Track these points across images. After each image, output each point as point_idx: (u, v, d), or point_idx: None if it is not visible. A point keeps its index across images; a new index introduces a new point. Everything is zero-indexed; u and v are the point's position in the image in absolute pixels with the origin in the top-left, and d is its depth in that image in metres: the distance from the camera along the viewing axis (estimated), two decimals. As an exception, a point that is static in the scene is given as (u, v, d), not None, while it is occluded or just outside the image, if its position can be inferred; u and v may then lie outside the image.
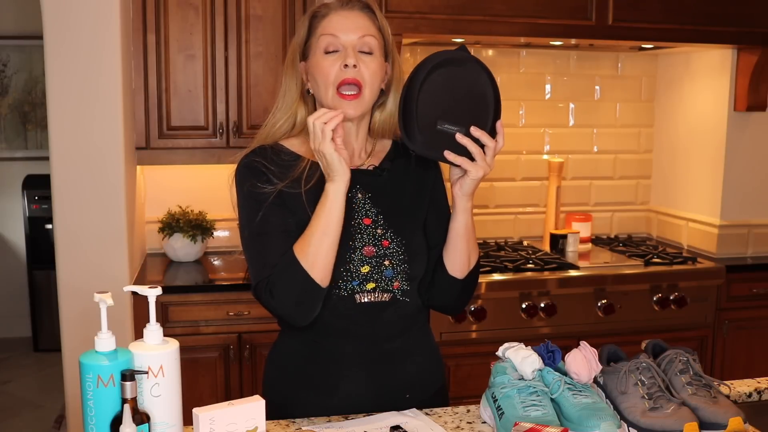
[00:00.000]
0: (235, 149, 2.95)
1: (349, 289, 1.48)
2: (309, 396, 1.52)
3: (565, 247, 3.24)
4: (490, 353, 1.50)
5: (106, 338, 1.16)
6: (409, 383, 1.55)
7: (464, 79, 1.43)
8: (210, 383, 2.75)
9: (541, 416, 1.28)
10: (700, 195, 3.34)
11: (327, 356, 1.52)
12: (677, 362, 1.44)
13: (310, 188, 1.48)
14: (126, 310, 2.66)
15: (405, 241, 1.52)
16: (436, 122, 1.41)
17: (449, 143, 1.42)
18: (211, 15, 2.90)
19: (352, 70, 1.46)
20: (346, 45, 1.47)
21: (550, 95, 3.47)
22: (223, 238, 3.25)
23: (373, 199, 1.54)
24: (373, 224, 1.52)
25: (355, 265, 1.48)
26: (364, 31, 1.49)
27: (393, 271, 1.50)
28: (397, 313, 1.52)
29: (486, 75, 1.44)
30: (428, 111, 1.41)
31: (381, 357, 1.52)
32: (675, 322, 2.99)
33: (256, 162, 1.50)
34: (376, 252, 1.50)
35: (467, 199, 1.49)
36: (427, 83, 1.41)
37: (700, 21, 2.92)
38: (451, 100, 1.42)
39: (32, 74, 5.02)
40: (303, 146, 1.54)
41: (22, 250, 5.10)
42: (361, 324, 1.49)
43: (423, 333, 1.61)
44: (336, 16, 1.49)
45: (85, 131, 2.61)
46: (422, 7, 2.68)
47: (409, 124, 1.42)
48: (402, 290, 1.51)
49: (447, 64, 1.43)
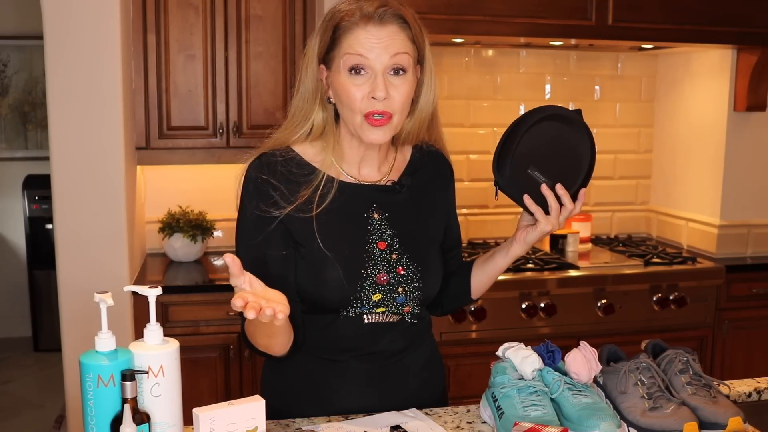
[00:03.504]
0: (235, 149, 2.96)
1: (357, 312, 1.43)
2: (308, 409, 1.47)
3: (565, 247, 3.24)
4: (490, 353, 1.50)
5: (107, 338, 1.16)
6: (413, 398, 1.51)
7: (569, 139, 1.46)
8: (210, 383, 2.75)
9: (541, 416, 1.28)
10: (700, 195, 3.34)
11: (329, 370, 1.47)
12: (677, 362, 1.44)
13: (321, 211, 1.39)
14: (126, 310, 2.66)
15: (421, 267, 1.46)
16: (529, 166, 1.43)
17: (532, 190, 1.44)
18: (211, 15, 2.90)
19: (381, 103, 1.33)
20: (375, 67, 1.32)
21: (550, 95, 3.47)
22: (223, 238, 3.25)
23: (390, 220, 1.46)
24: (389, 248, 1.44)
25: (367, 293, 1.41)
26: (398, 49, 1.33)
27: (406, 298, 1.45)
28: (403, 332, 1.49)
29: (590, 143, 1.48)
30: (526, 152, 1.43)
31: (384, 373, 1.49)
32: (675, 322, 2.99)
33: (263, 181, 1.39)
34: (390, 280, 1.43)
35: (525, 249, 1.49)
36: (536, 128, 1.43)
37: (700, 21, 2.91)
38: (550, 152, 1.45)
39: (32, 74, 5.02)
40: (318, 156, 1.43)
41: (22, 250, 5.10)
42: (365, 341, 1.46)
43: (427, 347, 1.58)
44: (364, 33, 1.32)
45: (85, 131, 2.61)
46: (422, 7, 2.67)
47: (504, 157, 1.43)
48: (412, 314, 1.48)
49: (560, 119, 1.45)
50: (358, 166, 1.46)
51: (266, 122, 2.96)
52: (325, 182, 1.41)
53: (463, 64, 3.35)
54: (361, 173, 1.47)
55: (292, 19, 2.95)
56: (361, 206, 1.45)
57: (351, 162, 1.46)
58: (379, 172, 1.48)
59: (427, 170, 1.55)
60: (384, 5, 1.34)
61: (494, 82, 3.39)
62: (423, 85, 1.43)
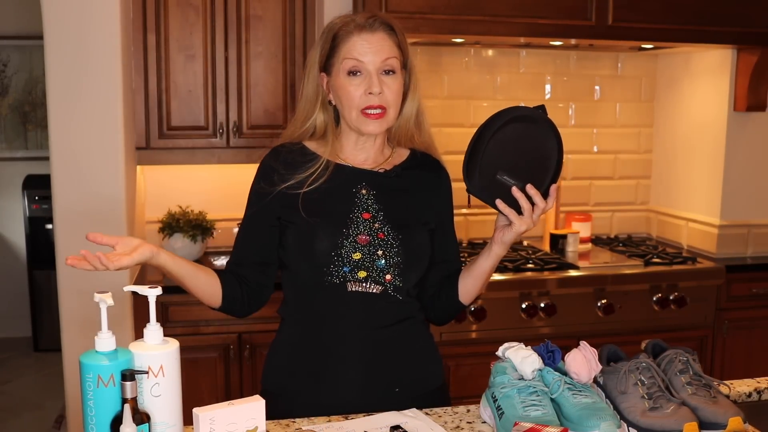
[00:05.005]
0: (235, 149, 2.96)
1: (341, 275, 1.52)
2: (298, 383, 1.57)
3: (565, 247, 3.24)
4: (490, 353, 1.50)
5: (106, 338, 1.16)
6: (398, 377, 1.58)
7: (535, 138, 1.49)
8: (210, 383, 2.75)
9: (541, 416, 1.28)
10: (700, 195, 3.34)
11: (318, 344, 1.57)
12: (677, 362, 1.44)
13: (309, 190, 1.56)
14: (126, 310, 2.66)
15: (402, 236, 1.56)
16: (497, 171, 1.47)
17: (503, 193, 1.47)
18: (211, 15, 2.90)
19: (376, 97, 1.51)
20: (369, 69, 1.52)
21: (550, 95, 3.47)
22: (223, 238, 3.25)
23: (378, 197, 1.58)
24: (372, 219, 1.56)
25: (347, 251, 1.52)
26: (387, 54, 1.53)
27: (386, 263, 1.54)
28: (389, 307, 1.55)
29: (555, 140, 1.50)
30: (493, 160, 1.47)
31: (370, 348, 1.55)
32: (675, 322, 2.99)
33: (268, 165, 1.60)
34: (371, 241, 1.54)
35: (504, 248, 1.57)
36: (501, 133, 1.47)
37: (700, 21, 2.91)
38: (517, 154, 1.48)
39: (32, 74, 5.02)
40: (321, 148, 1.61)
41: (22, 250, 5.11)
42: (351, 313, 1.54)
43: (417, 330, 1.64)
44: (359, 40, 1.53)
45: (85, 131, 2.61)
46: (422, 7, 2.68)
47: (473, 165, 1.47)
48: (394, 285, 1.55)
49: (524, 119, 1.48)
50: (355, 157, 1.62)
51: (266, 122, 2.96)
52: (322, 166, 1.57)
53: (463, 64, 3.35)
54: (357, 161, 1.62)
55: (292, 19, 2.95)
56: (350, 184, 1.59)
57: (349, 153, 1.62)
58: (375, 163, 1.63)
59: (421, 171, 1.66)
60: (373, 16, 1.56)
61: (494, 82, 3.39)
62: (409, 86, 1.61)
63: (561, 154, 1.51)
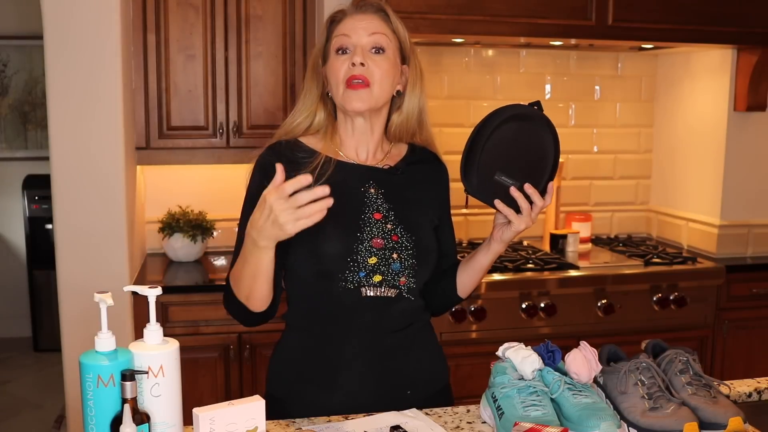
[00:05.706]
0: (235, 149, 2.96)
1: (356, 281, 1.48)
2: (309, 390, 1.53)
3: (565, 247, 3.24)
4: (490, 353, 1.50)
5: (106, 338, 1.16)
6: (411, 379, 1.56)
7: (531, 136, 1.49)
8: (210, 383, 2.75)
9: (541, 416, 1.28)
10: (700, 195, 3.34)
11: (329, 350, 1.53)
12: (677, 362, 1.44)
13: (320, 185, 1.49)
14: (126, 310, 2.66)
15: (415, 238, 1.54)
16: (495, 172, 1.47)
17: (502, 193, 1.48)
18: (211, 15, 2.90)
19: (359, 68, 1.49)
20: (356, 44, 1.51)
21: (550, 95, 3.47)
22: (223, 238, 3.25)
23: (386, 195, 1.56)
24: (384, 219, 1.53)
25: (363, 256, 1.49)
26: (374, 29, 1.52)
27: (401, 266, 1.51)
28: (402, 310, 1.53)
29: (552, 137, 1.50)
30: (490, 161, 1.47)
31: (383, 352, 1.53)
32: (675, 322, 2.99)
33: (267, 162, 1.51)
34: (385, 245, 1.51)
35: (503, 246, 1.57)
36: (497, 132, 1.46)
37: (700, 21, 2.91)
38: (514, 153, 1.48)
39: (32, 74, 5.03)
40: (320, 143, 1.58)
41: (22, 250, 5.11)
42: (365, 318, 1.51)
43: (425, 331, 1.64)
44: (350, 19, 1.54)
45: (85, 131, 2.61)
46: (422, 7, 2.68)
47: (470, 166, 1.48)
48: (408, 287, 1.53)
49: (520, 118, 1.48)
50: (355, 151, 1.60)
51: (266, 122, 2.96)
52: (324, 162, 1.54)
53: (463, 64, 3.35)
54: (358, 157, 1.60)
55: (292, 19, 2.95)
56: (358, 182, 1.56)
57: (348, 147, 1.59)
58: (374, 158, 1.61)
59: (422, 165, 1.65)
60: (367, 3, 1.57)
61: (494, 82, 3.39)
62: (409, 81, 1.60)
63: (558, 150, 1.51)
